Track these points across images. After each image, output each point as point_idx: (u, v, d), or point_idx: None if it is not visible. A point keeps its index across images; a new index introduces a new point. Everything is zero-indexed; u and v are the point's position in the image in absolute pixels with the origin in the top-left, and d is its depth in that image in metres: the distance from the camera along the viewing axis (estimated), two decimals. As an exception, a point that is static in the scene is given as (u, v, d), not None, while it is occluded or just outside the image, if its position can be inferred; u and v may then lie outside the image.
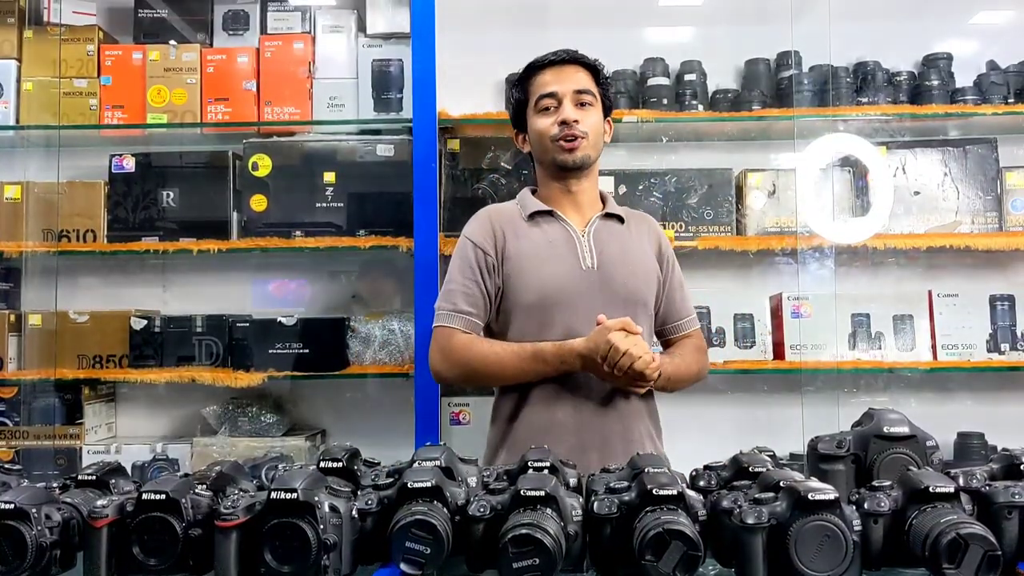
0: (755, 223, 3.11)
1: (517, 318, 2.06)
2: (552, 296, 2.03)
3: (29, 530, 1.20)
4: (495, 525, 1.17)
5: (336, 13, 3.19)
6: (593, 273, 2.06)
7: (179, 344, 3.04)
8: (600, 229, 2.12)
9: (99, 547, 1.21)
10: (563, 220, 2.12)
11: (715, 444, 2.08)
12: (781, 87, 3.19)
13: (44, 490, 1.30)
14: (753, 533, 1.10)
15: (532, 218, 2.12)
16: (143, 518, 1.21)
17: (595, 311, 1.98)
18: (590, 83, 2.11)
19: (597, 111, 2.11)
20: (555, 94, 2.08)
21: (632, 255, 2.12)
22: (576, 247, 2.08)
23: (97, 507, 1.22)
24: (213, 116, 3.11)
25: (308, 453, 2.98)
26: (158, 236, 3.07)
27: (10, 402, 3.06)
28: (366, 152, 3.09)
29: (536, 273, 2.05)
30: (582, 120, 2.06)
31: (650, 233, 2.20)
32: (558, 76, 2.09)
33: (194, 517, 1.22)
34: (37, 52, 3.16)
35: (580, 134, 2.06)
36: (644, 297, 2.10)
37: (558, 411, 2.02)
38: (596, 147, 2.11)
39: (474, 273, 2.07)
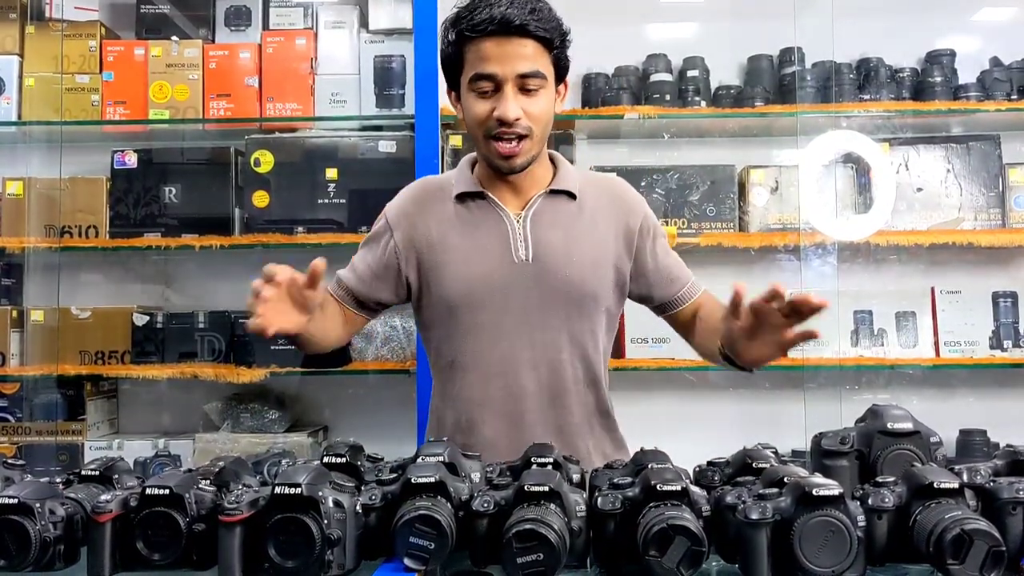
0: (758, 220, 3.11)
1: (440, 317, 1.81)
2: (478, 294, 1.76)
3: (33, 525, 1.21)
4: (499, 520, 1.16)
5: (338, 9, 3.19)
6: (527, 266, 1.76)
7: (181, 340, 3.04)
8: (541, 212, 1.80)
9: (102, 542, 1.21)
10: (495, 203, 1.80)
11: (717, 440, 2.07)
12: (784, 83, 3.19)
13: (48, 485, 1.30)
14: (757, 529, 1.09)
15: (461, 200, 1.82)
16: (147, 513, 1.21)
17: (530, 310, 1.76)
18: (540, 59, 1.68)
19: (548, 91, 1.71)
20: (493, 76, 1.67)
21: (579, 241, 1.79)
22: (508, 235, 1.78)
23: (100, 502, 1.22)
24: (215, 112, 3.11)
25: (310, 449, 2.98)
26: (160, 232, 3.07)
27: (12, 398, 3.07)
28: (368, 148, 3.09)
29: (459, 268, 1.77)
30: (527, 111, 1.68)
31: (614, 209, 1.85)
32: (500, 53, 1.66)
33: (198, 512, 1.22)
34: (39, 48, 3.16)
35: (523, 131, 1.69)
36: (592, 290, 1.79)
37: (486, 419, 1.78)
38: (544, 137, 1.75)
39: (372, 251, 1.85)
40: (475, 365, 1.79)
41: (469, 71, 1.70)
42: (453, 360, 1.82)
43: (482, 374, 1.79)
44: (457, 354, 1.81)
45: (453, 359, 1.82)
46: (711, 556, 1.16)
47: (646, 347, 2.97)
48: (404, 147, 3.05)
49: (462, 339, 1.79)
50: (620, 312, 1.90)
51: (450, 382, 1.83)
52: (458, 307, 1.78)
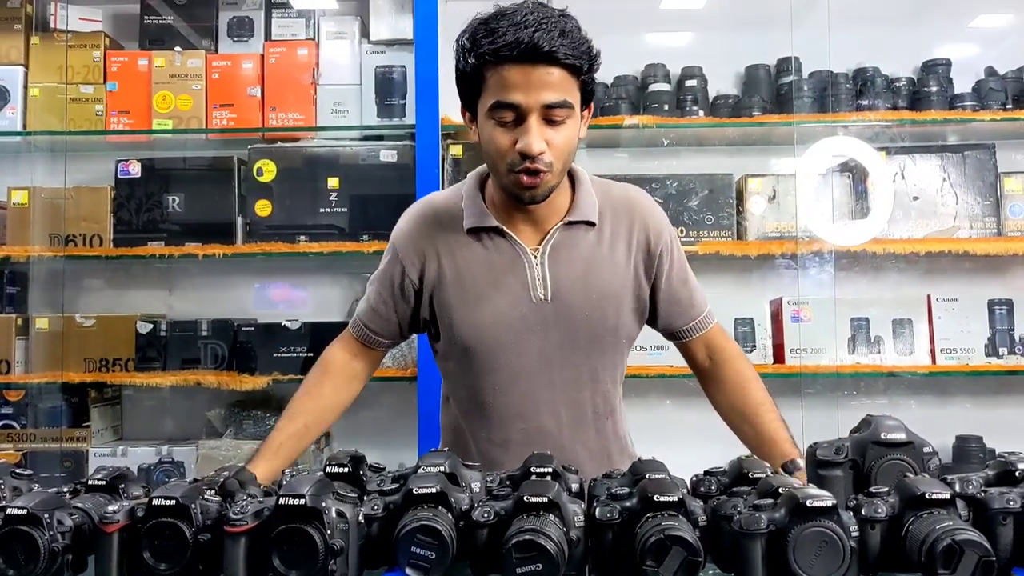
0: (755, 228, 3.13)
1: (456, 355, 1.75)
2: (495, 337, 1.69)
3: (41, 535, 1.22)
4: (498, 530, 1.18)
5: (340, 20, 3.22)
6: (546, 306, 1.69)
7: (184, 347, 3.07)
8: (559, 245, 1.71)
9: (110, 552, 1.23)
10: (512, 239, 1.71)
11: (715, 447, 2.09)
12: (781, 93, 3.22)
13: (56, 495, 1.32)
14: (752, 539, 1.11)
15: (474, 232, 1.72)
16: (153, 523, 1.23)
17: (549, 351, 1.70)
18: (568, 87, 1.55)
19: (574, 120, 1.59)
20: (517, 107, 1.54)
21: (599, 274, 1.71)
22: (526, 273, 1.69)
23: (108, 512, 1.24)
24: (218, 122, 3.14)
25: (312, 456, 3.00)
26: (163, 241, 3.10)
27: (17, 405, 3.09)
28: (369, 157, 3.12)
29: (475, 309, 1.69)
30: (551, 142, 1.56)
31: (633, 232, 1.75)
32: (524, 81, 1.52)
33: (203, 522, 1.23)
34: (44, 58, 3.19)
35: (544, 167, 1.57)
36: (613, 324, 1.73)
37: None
38: (565, 168, 1.64)
39: (392, 292, 1.78)
40: (493, 406, 1.74)
41: (489, 98, 1.56)
42: (470, 397, 1.78)
43: (500, 416, 1.75)
44: (474, 393, 1.76)
45: (470, 396, 1.77)
46: (707, 566, 1.18)
47: (644, 354, 2.99)
48: (405, 156, 3.07)
49: (479, 379, 1.74)
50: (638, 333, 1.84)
51: (467, 418, 1.80)
52: (475, 349, 1.71)
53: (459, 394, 1.81)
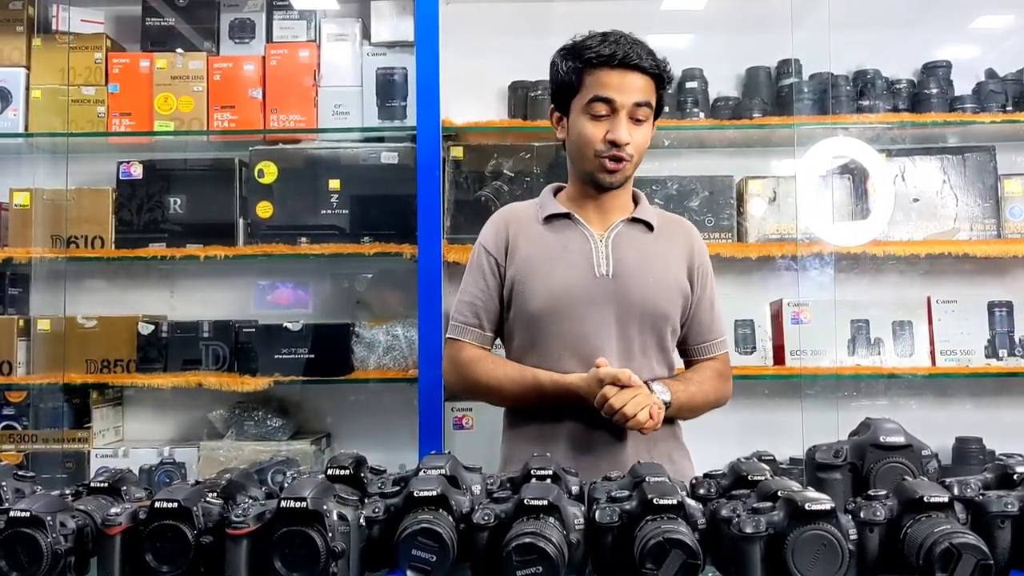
0: (756, 229, 3.14)
1: (524, 326, 1.96)
2: (561, 304, 1.92)
3: (44, 537, 1.23)
4: (499, 533, 1.19)
5: (341, 22, 3.22)
6: (607, 281, 1.92)
7: (186, 349, 3.07)
8: (622, 235, 1.98)
9: (113, 554, 1.24)
10: (581, 224, 1.98)
11: (716, 448, 2.11)
12: (782, 95, 3.22)
13: (58, 497, 1.33)
14: (751, 542, 1.12)
15: (548, 221, 2.00)
16: (156, 526, 1.23)
17: (608, 322, 1.91)
18: (651, 92, 1.91)
19: (649, 123, 1.93)
20: (612, 102, 1.87)
21: (654, 265, 1.96)
22: (591, 253, 1.95)
23: (111, 515, 1.25)
24: (219, 124, 3.14)
25: (313, 457, 3.01)
26: (165, 242, 3.10)
27: (19, 406, 3.09)
28: (370, 159, 3.12)
29: (544, 279, 1.93)
30: (634, 139, 1.89)
31: (684, 244, 2.03)
32: (621, 82, 1.87)
33: (205, 525, 1.24)
34: (46, 60, 3.19)
35: (627, 156, 1.89)
36: (664, 308, 1.95)
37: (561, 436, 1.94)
38: (638, 164, 1.96)
39: (486, 283, 2.00)
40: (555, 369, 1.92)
41: (587, 94, 1.89)
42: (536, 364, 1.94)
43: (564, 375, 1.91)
44: (540, 359, 1.94)
45: (536, 364, 1.95)
46: (706, 568, 1.19)
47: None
48: (406, 158, 3.08)
49: (543, 347, 1.94)
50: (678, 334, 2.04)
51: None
52: (541, 317, 1.93)
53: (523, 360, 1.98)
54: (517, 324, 1.98)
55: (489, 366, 1.98)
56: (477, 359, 1.99)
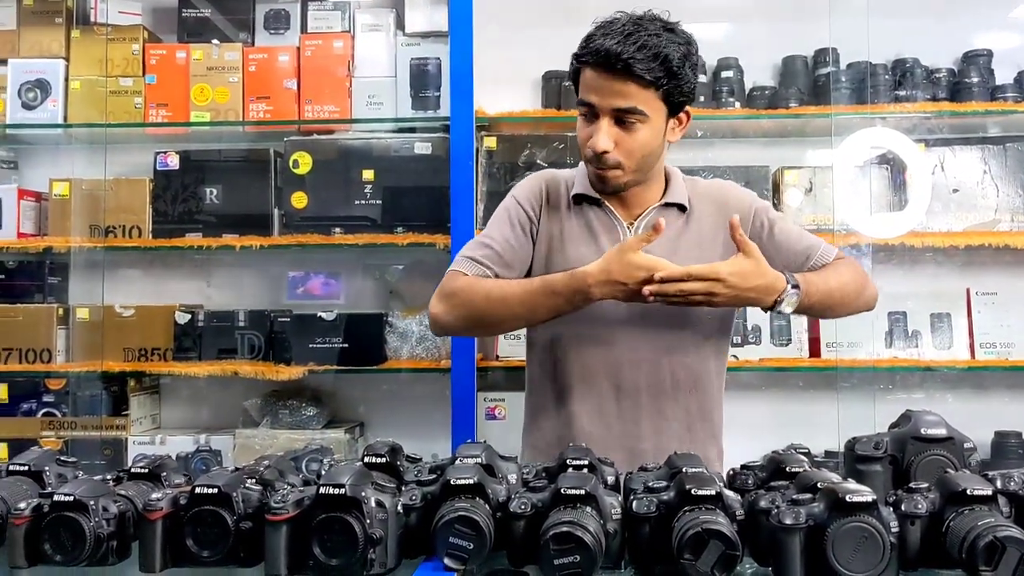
0: (791, 220, 3.09)
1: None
2: None
3: (87, 521, 1.25)
4: (535, 522, 1.19)
5: (375, 12, 3.23)
6: None
7: (221, 338, 3.10)
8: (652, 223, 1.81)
9: (154, 539, 1.26)
10: (610, 211, 1.87)
11: (750, 440, 2.09)
12: (819, 84, 3.19)
13: (101, 483, 1.35)
14: (791, 533, 1.11)
15: (578, 201, 1.89)
16: (196, 511, 1.25)
17: (634, 315, 1.80)
18: (641, 96, 1.70)
19: (649, 126, 1.73)
20: (592, 106, 1.74)
21: (686, 252, 1.81)
22: (619, 241, 1.83)
23: (152, 500, 1.26)
24: (255, 114, 3.16)
25: (347, 446, 3.03)
26: (201, 232, 3.13)
27: (59, 393, 3.13)
28: (404, 150, 3.13)
29: (570, 265, 1.81)
30: (622, 143, 1.73)
31: (720, 214, 1.86)
32: (599, 85, 1.71)
33: (245, 511, 1.25)
34: (84, 51, 3.23)
35: (612, 164, 1.75)
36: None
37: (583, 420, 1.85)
38: (642, 167, 1.79)
39: (512, 227, 1.87)
40: (577, 363, 1.85)
41: (579, 94, 1.77)
42: (555, 356, 1.88)
43: (583, 372, 1.85)
44: (560, 351, 1.87)
45: (555, 355, 1.88)
46: (744, 560, 1.18)
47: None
48: (439, 148, 3.08)
49: (567, 337, 1.85)
50: (731, 319, 1.94)
51: (549, 374, 1.90)
52: None
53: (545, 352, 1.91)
54: None
55: (489, 283, 1.80)
56: (472, 281, 1.80)
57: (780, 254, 1.86)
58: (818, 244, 1.90)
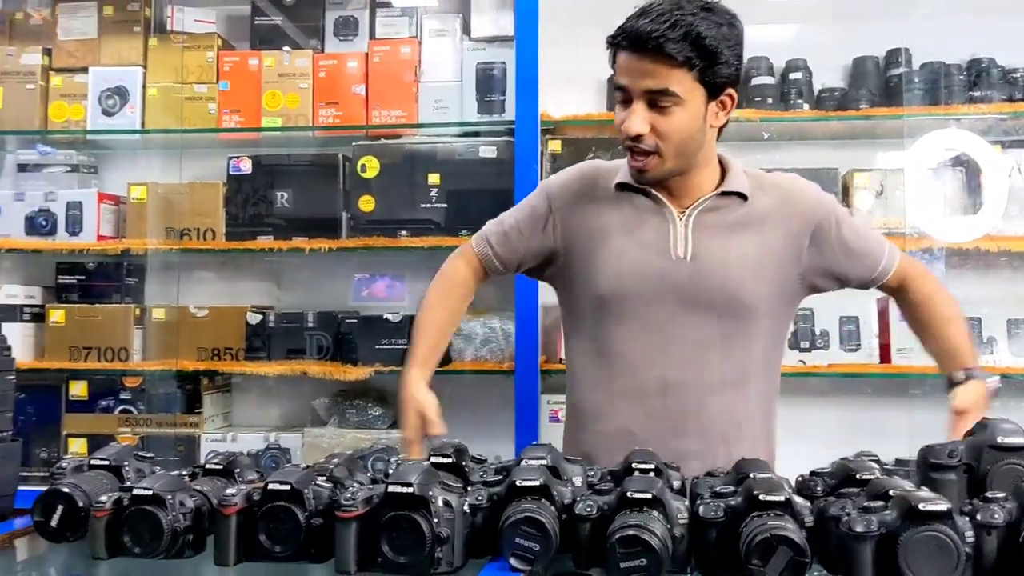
0: (862, 223, 3.05)
1: (590, 309, 1.81)
2: (631, 288, 1.75)
3: (165, 515, 1.29)
4: (601, 524, 1.20)
5: (442, 17, 3.26)
6: (684, 264, 1.74)
7: (291, 338, 3.16)
8: (707, 212, 1.77)
9: (228, 533, 1.29)
10: (658, 199, 1.78)
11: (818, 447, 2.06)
12: (890, 85, 3.12)
13: (177, 478, 1.39)
14: (862, 541, 1.10)
15: (622, 189, 1.80)
16: (269, 507, 1.28)
17: (682, 308, 1.74)
18: (675, 77, 1.62)
19: (686, 109, 1.65)
20: (625, 89, 1.67)
21: (742, 246, 1.75)
22: (669, 233, 1.76)
23: (227, 495, 1.29)
24: (324, 119, 3.22)
25: (410, 446, 3.06)
26: (272, 235, 3.19)
27: (135, 391, 3.22)
28: (469, 153, 3.16)
29: (614, 260, 1.76)
30: (657, 127, 1.65)
31: (785, 209, 1.79)
32: (631, 67, 1.65)
33: (316, 507, 1.28)
34: (161, 59, 3.32)
35: (649, 149, 1.67)
36: (749, 296, 1.75)
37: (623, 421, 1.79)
38: (683, 152, 1.70)
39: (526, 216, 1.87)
40: (620, 356, 1.78)
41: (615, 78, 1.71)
42: (596, 348, 1.81)
43: (627, 366, 1.78)
44: (602, 343, 1.80)
45: (597, 347, 1.81)
46: (813, 567, 1.16)
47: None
48: (504, 152, 3.10)
49: (610, 329, 1.78)
50: (789, 318, 1.88)
51: (591, 369, 1.83)
52: (609, 297, 1.77)
53: (584, 347, 1.85)
54: (581, 300, 1.83)
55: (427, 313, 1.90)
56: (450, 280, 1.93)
57: (846, 253, 1.82)
58: (883, 246, 1.87)
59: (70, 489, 1.38)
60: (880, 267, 1.84)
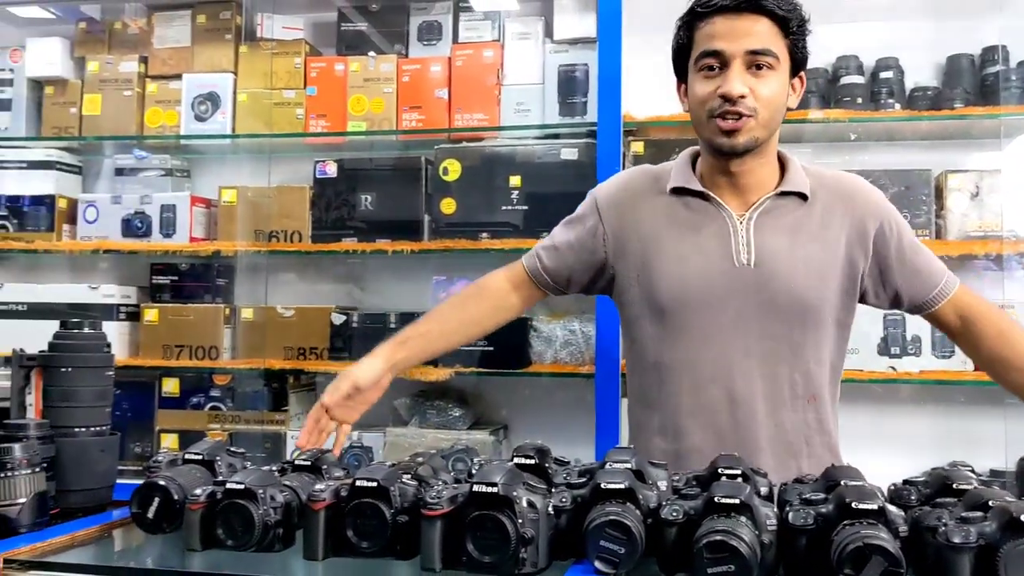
0: (956, 226, 2.95)
1: (649, 316, 1.74)
2: (693, 296, 1.69)
3: (256, 509, 1.33)
4: (687, 530, 1.18)
5: (524, 20, 3.27)
6: (748, 271, 1.68)
7: (374, 339, 3.16)
8: (767, 214, 1.70)
9: (317, 528, 1.32)
10: (717, 203, 1.72)
11: (909, 456, 2.00)
12: (986, 83, 3.02)
13: (268, 473, 1.43)
14: (960, 553, 1.07)
15: (678, 193, 1.75)
16: (356, 503, 1.30)
17: (748, 317, 1.67)
18: (774, 38, 1.61)
19: (780, 75, 1.63)
20: (720, 53, 1.60)
21: (807, 247, 1.69)
22: (730, 237, 1.70)
23: (316, 491, 1.32)
24: (407, 123, 3.26)
25: (492, 447, 3.08)
26: (356, 237, 3.24)
27: (224, 389, 3.31)
28: (550, 156, 3.15)
29: (674, 267, 1.71)
30: (755, 90, 1.60)
31: (847, 207, 1.73)
32: (729, 29, 1.60)
33: (401, 505, 1.30)
34: (251, 66, 3.40)
35: (747, 112, 1.60)
36: (818, 300, 1.69)
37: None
38: (771, 124, 1.65)
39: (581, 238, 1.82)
40: (685, 370, 1.72)
41: (696, 51, 1.65)
42: (659, 362, 1.75)
43: (692, 380, 1.71)
44: (665, 356, 1.74)
45: (660, 361, 1.75)
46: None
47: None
48: (585, 154, 3.09)
49: (672, 341, 1.72)
50: (851, 320, 1.79)
51: (655, 385, 1.76)
52: (670, 308, 1.71)
53: (646, 360, 1.78)
54: (639, 310, 1.77)
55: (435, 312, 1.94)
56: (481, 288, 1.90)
57: (905, 264, 1.74)
58: (942, 274, 1.78)
59: (166, 482, 1.43)
60: (937, 289, 1.76)
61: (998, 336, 1.75)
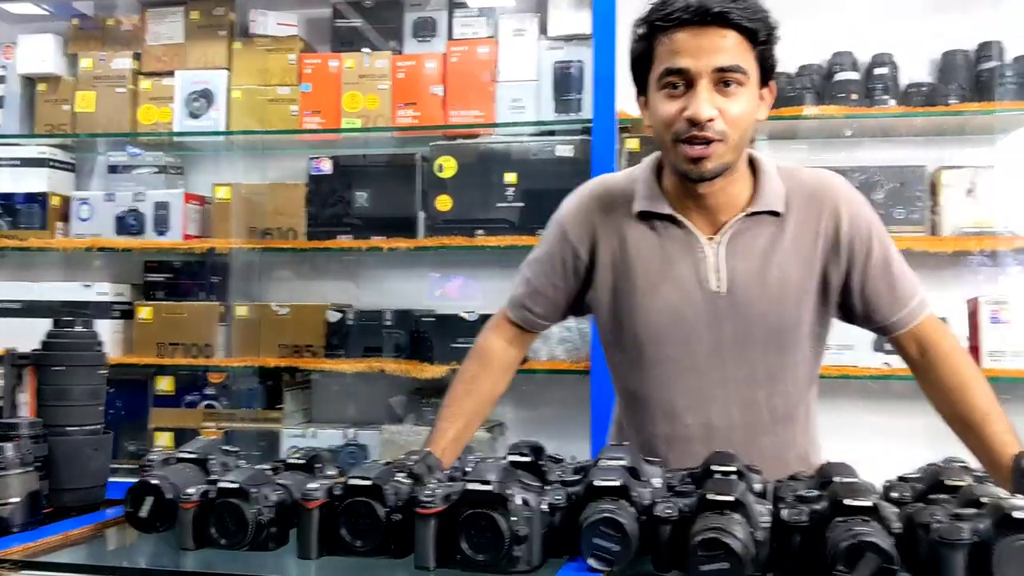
0: (950, 223, 2.96)
1: (623, 345, 1.68)
2: (665, 328, 1.62)
3: (249, 508, 1.32)
4: (681, 527, 1.18)
5: (519, 17, 3.27)
6: (721, 298, 1.60)
7: (369, 336, 3.20)
8: (738, 235, 1.60)
9: (310, 527, 1.31)
10: (686, 226, 1.62)
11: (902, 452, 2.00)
12: (981, 79, 3.02)
13: (261, 472, 1.42)
14: (954, 549, 1.06)
15: (644, 218, 1.65)
16: (350, 502, 1.30)
17: (723, 345, 1.60)
18: (742, 51, 1.48)
19: (749, 90, 1.50)
20: (686, 72, 1.47)
21: (781, 267, 1.60)
22: (700, 264, 1.61)
23: (309, 490, 1.31)
24: (402, 120, 3.25)
25: (488, 445, 3.07)
26: (351, 234, 3.24)
27: (219, 387, 3.31)
28: (545, 152, 3.15)
29: (643, 298, 1.63)
30: (724, 110, 1.47)
31: (821, 218, 1.61)
32: (695, 45, 1.46)
33: (396, 503, 1.29)
34: (244, 62, 3.39)
35: (716, 136, 1.48)
36: (794, 321, 1.62)
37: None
38: (741, 145, 1.53)
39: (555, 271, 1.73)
40: (660, 400, 1.67)
41: (659, 67, 1.50)
42: (636, 391, 1.71)
43: (668, 410, 1.66)
44: (641, 385, 1.69)
45: (636, 389, 1.71)
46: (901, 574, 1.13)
47: (828, 354, 2.86)
48: (581, 150, 3.09)
49: (647, 371, 1.66)
50: (828, 331, 1.71)
51: (634, 411, 1.73)
52: (643, 339, 1.64)
53: (623, 385, 1.75)
54: (614, 338, 1.71)
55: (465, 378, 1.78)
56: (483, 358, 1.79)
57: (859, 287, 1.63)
58: (907, 300, 1.64)
59: (159, 481, 1.42)
60: (896, 317, 1.64)
61: (960, 389, 1.65)
